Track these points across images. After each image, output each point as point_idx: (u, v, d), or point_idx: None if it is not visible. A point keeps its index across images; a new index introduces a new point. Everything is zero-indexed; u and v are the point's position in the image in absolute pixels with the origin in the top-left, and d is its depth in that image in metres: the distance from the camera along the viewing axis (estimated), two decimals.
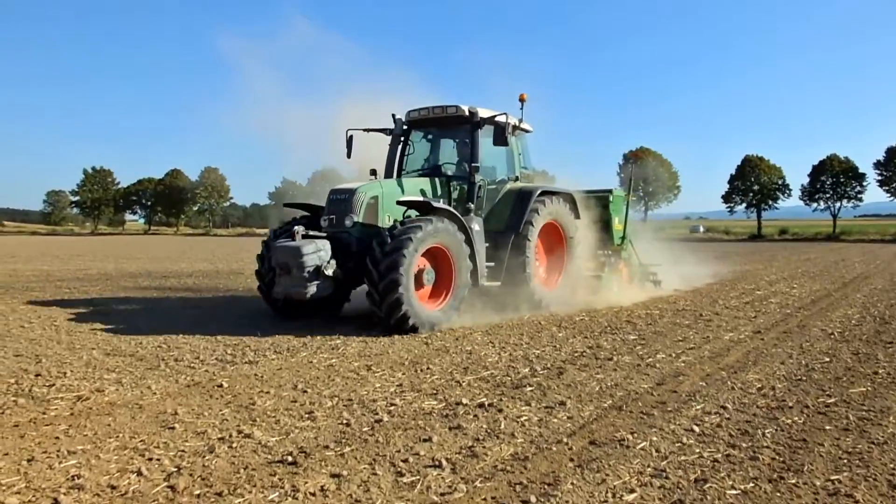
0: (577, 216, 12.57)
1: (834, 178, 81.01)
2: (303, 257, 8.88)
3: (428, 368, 6.80)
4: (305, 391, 5.83)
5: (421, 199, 9.90)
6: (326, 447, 4.39)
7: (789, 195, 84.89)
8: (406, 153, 11.92)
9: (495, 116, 10.87)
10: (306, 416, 5.10)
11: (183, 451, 4.33)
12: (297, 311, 10.33)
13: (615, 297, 13.07)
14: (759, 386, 6.12)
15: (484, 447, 4.42)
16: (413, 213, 10.08)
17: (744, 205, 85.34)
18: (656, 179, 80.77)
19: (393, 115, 11.79)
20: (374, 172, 11.44)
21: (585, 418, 5.14)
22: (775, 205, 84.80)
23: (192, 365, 6.86)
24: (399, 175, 11.62)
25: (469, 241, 9.85)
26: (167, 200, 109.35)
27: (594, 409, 5.41)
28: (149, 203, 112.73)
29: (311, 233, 9.61)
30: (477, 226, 10.42)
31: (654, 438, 4.63)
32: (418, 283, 9.23)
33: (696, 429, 4.86)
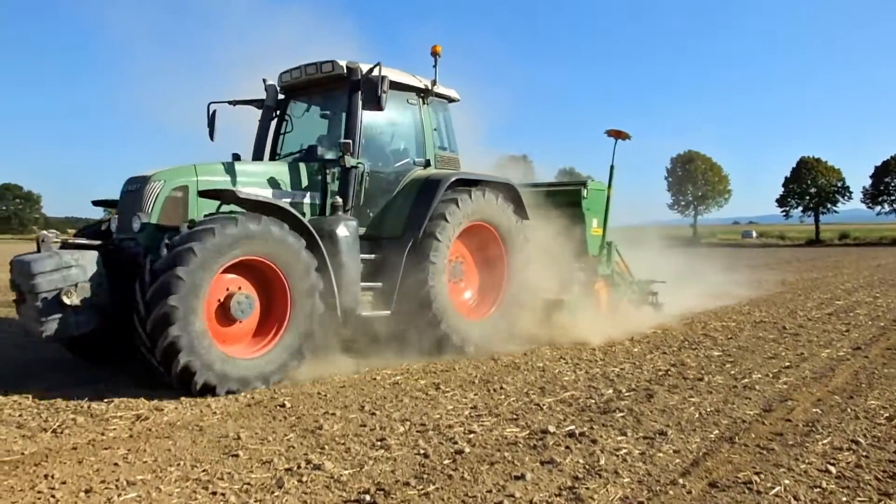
0: (525, 216, 8.98)
1: None
2: (34, 278, 5.84)
3: (501, 388, 6.27)
4: (374, 413, 5.36)
5: (235, 189, 6.61)
6: (406, 484, 3.90)
7: (849, 198, 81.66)
8: (283, 131, 8.78)
9: (372, 70, 7.51)
10: (378, 443, 4.62)
11: (249, 483, 3.89)
12: (96, 352, 7.15)
13: (584, 330, 9.11)
14: (888, 415, 5.40)
15: (587, 488, 3.86)
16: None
17: (800, 208, 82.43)
18: (706, 183, 78.67)
19: (264, 81, 8.66)
20: (237, 158, 7.95)
21: (695, 452, 4.54)
22: (834, 208, 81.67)
23: None
24: (274, 157, 8.64)
25: (322, 254, 6.71)
26: None
27: (701, 440, 4.79)
28: None
29: (81, 241, 6.71)
30: (345, 230, 7.09)
31: (787, 482, 3.99)
32: (224, 318, 6.16)
33: (833, 469, 4.20)
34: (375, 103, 7.25)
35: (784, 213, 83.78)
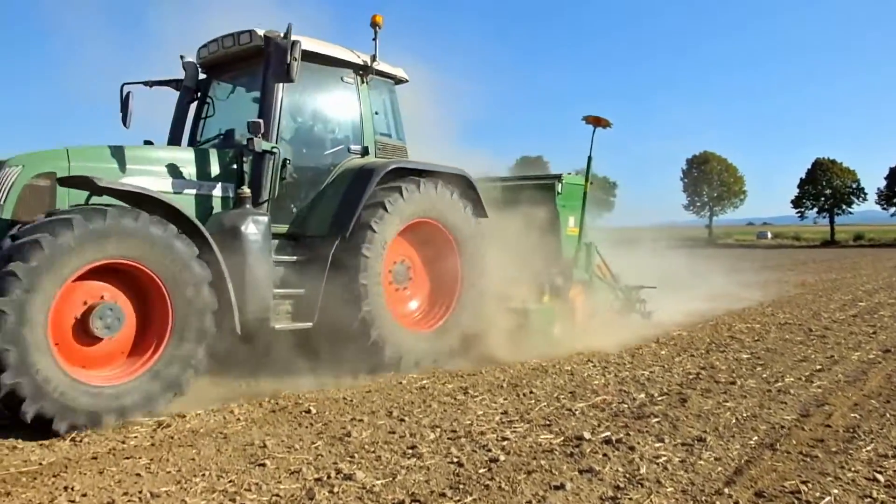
0: (483, 214, 7.91)
1: None
2: None
3: (531, 392, 6.10)
4: (402, 419, 5.21)
5: (94, 176, 5.27)
6: (442, 494, 3.74)
7: (864, 199, 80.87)
8: (205, 115, 7.65)
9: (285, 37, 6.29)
10: (409, 451, 4.47)
11: (278, 495, 3.75)
12: None
13: (550, 344, 8.14)
14: None
15: (630, 499, 3.69)
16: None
17: (815, 209, 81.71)
18: (721, 184, 78.17)
19: (182, 58, 7.58)
20: (148, 145, 6.88)
21: (736, 460, 4.36)
22: (849, 209, 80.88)
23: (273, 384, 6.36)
24: (195, 144, 7.50)
25: (215, 256, 5.54)
26: None
27: (741, 447, 4.61)
28: None
29: None
30: (253, 227, 5.96)
31: (836, 491, 3.81)
32: (84, 334, 5.01)
33: (881, 478, 4.01)
34: (284, 74, 6.10)
35: (799, 214, 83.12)
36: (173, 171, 6.11)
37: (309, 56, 6.72)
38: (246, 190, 6.24)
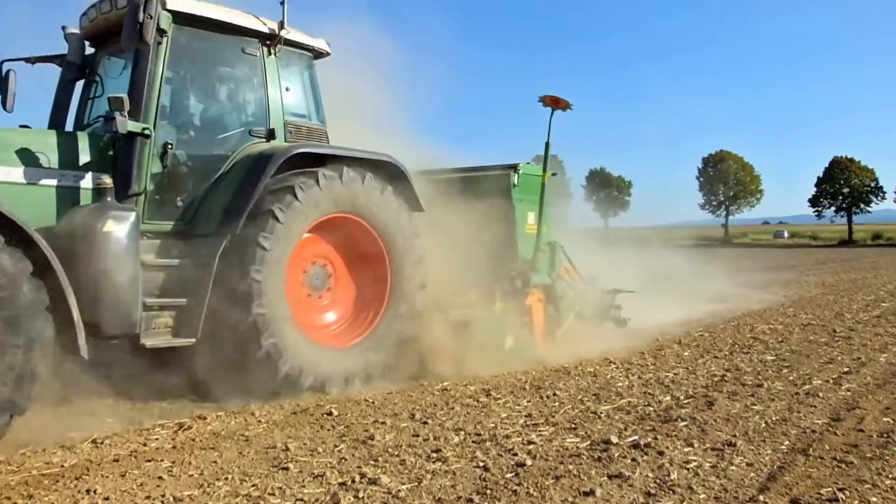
0: (417, 207, 6.86)
1: None
2: None
3: (554, 395, 6.01)
4: (425, 422, 5.14)
5: None
6: (469, 500, 3.67)
7: (882, 198, 79.83)
8: (92, 94, 6.48)
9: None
10: (434, 455, 4.39)
11: (302, 500, 3.69)
12: None
13: (500, 359, 7.16)
14: None
15: None
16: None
17: (833, 208, 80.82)
18: (737, 183, 77.48)
19: (63, 29, 6.53)
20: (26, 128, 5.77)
21: (769, 465, 4.24)
22: (867, 208, 79.90)
23: None
24: (81, 128, 6.32)
25: (50, 262, 4.49)
26: None
27: (773, 452, 4.49)
28: None
29: None
30: (113, 226, 4.95)
31: (875, 499, 3.69)
32: None
33: None
34: (136, 36, 5.05)
35: (816, 214, 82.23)
36: (26, 157, 5.00)
37: (200, 22, 5.84)
38: (105, 179, 5.12)
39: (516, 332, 7.58)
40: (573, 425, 5.07)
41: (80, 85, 6.72)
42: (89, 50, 6.67)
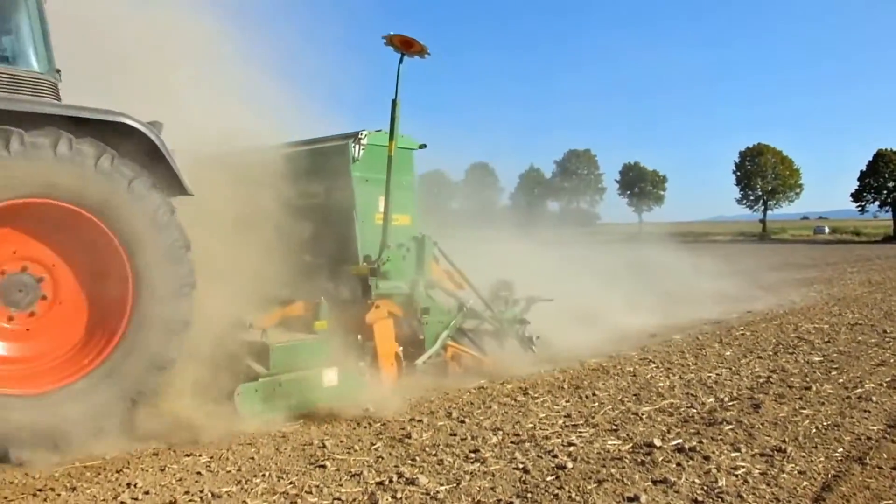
0: (181, 190, 4.80)
1: None
2: None
3: (593, 395, 5.88)
4: (462, 421, 5.06)
5: None
6: None
7: None
8: None
9: None
10: (472, 455, 4.31)
11: (339, 499, 3.64)
12: None
13: (311, 404, 5.28)
14: None
15: None
16: None
17: (876, 203, 78.43)
18: (776, 177, 75.67)
19: None
20: None
21: (822, 474, 4.07)
22: None
23: None
24: None
25: None
26: None
27: (826, 459, 4.31)
28: None
29: None
30: None
31: None
32: None
33: None
34: None
35: (859, 209, 79.87)
36: None
37: None
38: None
39: (345, 363, 5.51)
40: (614, 427, 4.94)
41: None
42: None
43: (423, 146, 6.86)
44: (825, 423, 5.09)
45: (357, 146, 6.20)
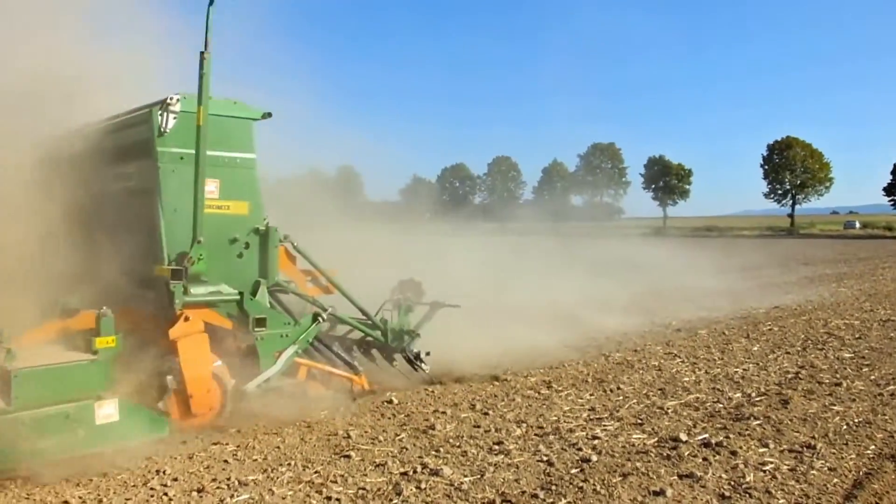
0: None
1: None
2: None
3: (618, 388, 5.84)
4: (486, 413, 5.06)
5: None
6: (534, 496, 3.57)
7: None
8: None
9: None
10: (496, 447, 4.31)
11: (364, 489, 3.66)
12: None
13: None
14: None
15: None
16: None
17: None
18: (805, 171, 74.28)
19: None
20: None
21: (854, 471, 3.99)
22: None
23: None
24: None
25: None
26: None
27: (857, 457, 4.23)
28: None
29: None
30: None
31: None
32: None
33: None
34: None
35: (893, 203, 78.20)
36: None
37: None
38: None
39: (126, 394, 4.33)
40: (639, 421, 4.90)
41: None
42: None
43: (267, 115, 5.37)
44: (856, 420, 5.00)
45: (165, 115, 4.81)
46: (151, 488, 3.68)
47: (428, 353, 6.02)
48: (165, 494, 3.60)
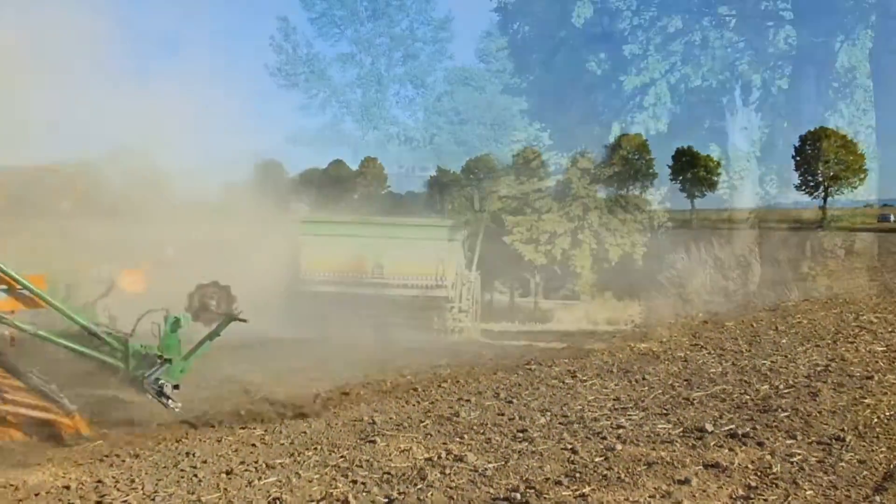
0: None
1: None
2: None
3: (643, 379, 5.82)
4: (510, 401, 5.08)
5: None
6: (558, 483, 3.58)
7: None
8: None
9: None
10: (520, 435, 4.33)
11: (389, 474, 3.70)
12: None
13: None
14: None
15: (765, 500, 3.39)
16: None
17: None
18: (838, 163, 72.85)
19: None
20: None
21: (884, 464, 3.93)
22: None
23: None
24: None
25: None
26: None
27: (888, 450, 4.16)
28: None
29: None
30: None
31: None
32: None
33: None
34: None
35: None
36: None
37: None
38: None
39: None
40: (664, 411, 4.89)
41: None
42: None
43: None
44: (888, 414, 4.91)
45: None
46: (181, 470, 3.76)
47: (176, 387, 4.83)
48: (195, 476, 3.68)
